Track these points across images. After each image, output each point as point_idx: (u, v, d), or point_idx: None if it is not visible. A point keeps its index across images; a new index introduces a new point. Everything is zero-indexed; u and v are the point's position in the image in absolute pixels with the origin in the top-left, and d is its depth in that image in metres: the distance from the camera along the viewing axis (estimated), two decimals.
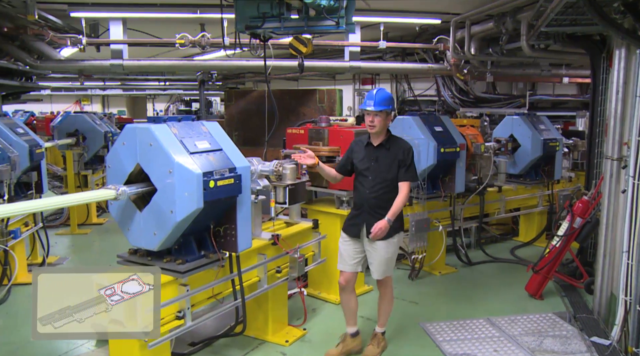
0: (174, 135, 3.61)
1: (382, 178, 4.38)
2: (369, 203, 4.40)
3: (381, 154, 4.41)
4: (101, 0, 7.87)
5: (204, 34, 8.21)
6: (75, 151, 9.33)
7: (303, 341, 4.99)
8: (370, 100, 4.31)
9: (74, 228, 9.08)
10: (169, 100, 21.29)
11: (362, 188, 4.45)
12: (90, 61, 8.48)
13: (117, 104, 23.09)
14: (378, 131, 4.36)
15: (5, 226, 5.66)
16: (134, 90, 19.77)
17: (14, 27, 7.61)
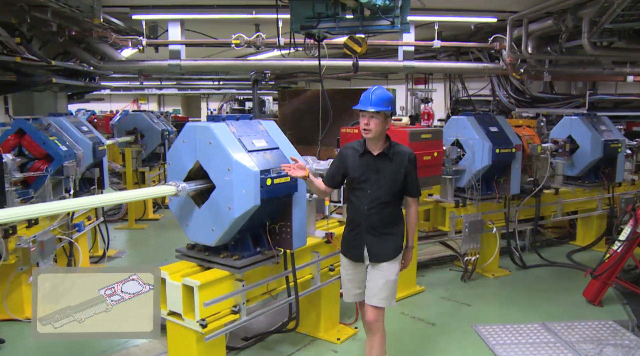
0: (233, 133, 3.69)
1: (385, 192, 3.75)
2: (368, 220, 3.78)
3: (383, 164, 3.77)
4: (161, 2, 8.11)
5: (259, 34, 8.33)
6: (134, 148, 9.65)
7: (354, 339, 5.00)
8: (367, 99, 3.71)
9: (132, 223, 9.39)
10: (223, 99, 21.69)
11: (359, 204, 3.80)
12: (149, 61, 8.74)
13: (172, 103, 23.68)
14: (374, 136, 3.71)
15: (70, 220, 5.90)
16: (189, 89, 20.24)
17: (81, 30, 7.93)
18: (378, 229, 3.79)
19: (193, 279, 3.54)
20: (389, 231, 3.82)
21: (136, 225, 9.43)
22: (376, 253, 3.82)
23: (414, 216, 4.00)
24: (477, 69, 9.70)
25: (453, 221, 6.47)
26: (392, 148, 3.80)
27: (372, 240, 3.81)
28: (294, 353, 4.74)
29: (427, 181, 5.90)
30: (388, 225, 3.82)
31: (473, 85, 12.18)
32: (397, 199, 3.86)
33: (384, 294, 3.84)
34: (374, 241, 3.81)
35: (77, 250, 6.10)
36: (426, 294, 6.16)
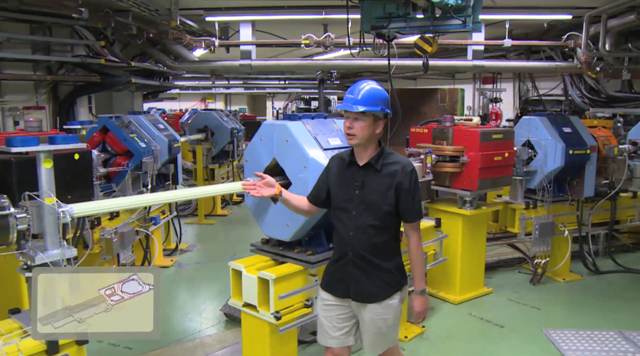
0: (309, 132, 3.79)
1: (372, 213, 3.02)
2: (354, 249, 3.07)
3: (369, 177, 3.04)
4: (233, 4, 8.35)
5: (328, 35, 8.43)
6: (204, 145, 9.98)
7: (422, 338, 5.02)
8: (352, 96, 2.97)
9: (201, 218, 9.72)
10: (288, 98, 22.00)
11: (342, 228, 3.11)
12: (221, 61, 9.02)
13: (239, 101, 24.24)
14: (359, 143, 3.00)
15: (147, 213, 6.19)
16: (255, 88, 20.66)
17: (157, 32, 8.28)
18: (366, 262, 3.06)
19: (269, 272, 3.66)
20: (380, 264, 3.06)
21: (205, 220, 9.75)
22: (362, 290, 3.09)
23: (416, 248, 3.12)
24: (549, 68, 9.43)
25: (523, 222, 6.37)
26: (383, 158, 3.05)
27: (358, 275, 3.08)
28: (361, 348, 4.80)
29: (497, 181, 5.85)
30: (379, 257, 3.06)
31: (543, 84, 11.84)
32: (390, 224, 3.08)
33: (378, 343, 3.22)
34: (361, 276, 3.08)
35: (154, 242, 6.39)
36: (494, 296, 6.09)
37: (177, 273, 6.97)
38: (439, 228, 5.38)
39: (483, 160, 5.53)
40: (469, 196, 5.70)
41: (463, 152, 5.58)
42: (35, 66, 7.64)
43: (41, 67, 7.66)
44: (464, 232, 5.83)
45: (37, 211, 2.74)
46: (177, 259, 7.37)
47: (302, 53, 11.79)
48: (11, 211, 2.67)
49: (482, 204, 6.11)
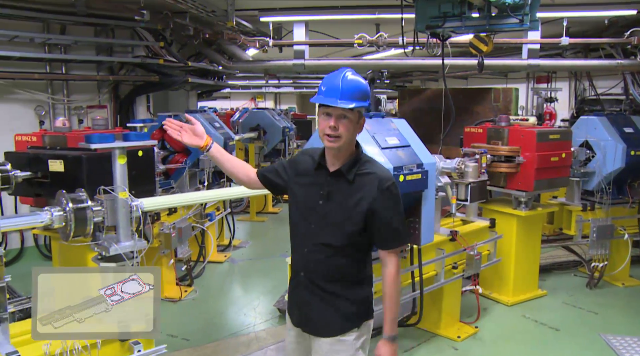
0: (367, 131, 3.84)
1: (333, 231, 2.49)
2: (307, 269, 2.58)
3: (337, 188, 2.49)
4: (287, 5, 8.46)
5: (381, 34, 8.44)
6: (257, 144, 10.15)
7: (475, 338, 5.00)
8: (334, 88, 2.38)
9: (253, 215, 9.89)
10: None
11: (299, 241, 2.62)
12: (275, 61, 9.16)
13: (288, 100, 24.47)
14: (342, 146, 2.43)
15: (203, 209, 6.36)
16: (304, 88, 20.80)
17: (213, 33, 8.49)
18: (320, 287, 2.55)
19: None
20: (337, 292, 2.54)
21: (257, 218, 9.92)
22: (312, 320, 2.61)
23: (391, 282, 2.53)
24: (609, 67, 9.14)
25: (580, 225, 6.25)
26: (359, 166, 2.48)
27: (311, 301, 2.59)
28: (414, 347, 4.83)
29: (553, 182, 5.77)
30: (337, 283, 2.55)
31: (601, 83, 11.49)
32: (354, 247, 2.52)
33: None
34: (313, 303, 2.58)
35: (209, 238, 6.57)
36: (548, 299, 5.99)
37: (230, 269, 7.14)
38: (493, 228, 5.34)
39: (539, 160, 5.46)
40: (524, 196, 5.63)
41: (519, 153, 5.52)
42: (99, 66, 7.96)
43: (104, 67, 7.98)
44: (518, 233, 5.76)
45: (112, 204, 2.89)
46: (231, 255, 7.54)
47: (351, 52, 11.82)
48: (88, 204, 2.82)
49: (537, 205, 6.02)
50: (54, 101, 7.71)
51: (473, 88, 11.81)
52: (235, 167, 2.77)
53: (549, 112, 11.63)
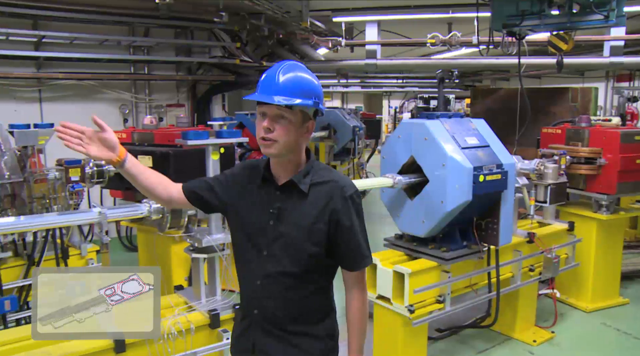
0: (447, 130, 3.85)
1: (290, 255, 2.06)
2: (261, 306, 2.12)
3: (291, 203, 2.07)
4: (360, 5, 8.53)
5: (454, 33, 8.37)
6: (327, 143, 10.25)
7: (551, 344, 4.90)
8: (270, 83, 1.97)
9: None
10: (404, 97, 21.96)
11: (248, 273, 2.16)
12: (347, 60, 9.26)
13: (355, 100, 24.56)
14: (279, 153, 2.00)
15: None
16: (372, 87, 20.82)
17: (287, 33, 8.67)
18: (279, 327, 2.11)
19: (404, 266, 3.77)
20: (300, 330, 2.12)
21: None
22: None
23: (358, 309, 2.16)
24: None
25: None
26: (313, 174, 2.08)
27: (268, 344, 2.13)
28: (488, 349, 4.79)
29: (638, 186, 5.55)
30: (299, 320, 2.11)
31: None
32: (317, 272, 2.11)
33: None
34: (271, 346, 2.13)
35: None
36: (631, 307, 5.76)
37: None
38: (572, 231, 5.21)
39: (623, 163, 5.26)
40: (606, 200, 5.45)
41: (600, 154, 5.35)
42: (178, 67, 8.31)
43: (183, 68, 8.33)
44: (598, 237, 5.58)
45: None
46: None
47: (419, 52, 11.75)
48: None
49: (619, 209, 5.80)
50: (137, 99, 8.11)
51: (549, 88, 11.46)
52: (152, 182, 2.20)
53: (631, 113, 11.15)
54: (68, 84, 7.40)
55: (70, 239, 4.44)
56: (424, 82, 18.64)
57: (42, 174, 4.02)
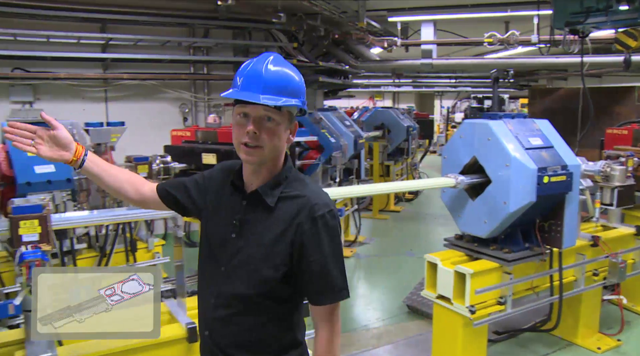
0: (510, 131, 3.81)
1: (248, 276, 1.79)
2: (211, 330, 1.89)
3: (254, 215, 1.82)
4: (416, 4, 8.50)
5: (512, 32, 8.24)
6: (381, 142, 10.27)
7: (618, 352, 4.75)
8: (254, 79, 1.71)
9: (375, 213, 10.03)
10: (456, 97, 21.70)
11: (203, 292, 1.95)
12: (402, 60, 9.25)
13: (406, 99, 24.41)
14: (264, 160, 1.77)
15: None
16: (423, 87, 20.64)
17: (342, 33, 8.73)
18: (227, 353, 1.86)
19: (466, 267, 3.76)
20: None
21: (379, 215, 10.05)
22: None
23: (325, 349, 1.80)
24: None
25: None
26: (285, 186, 1.82)
27: None
28: (549, 354, 4.70)
29: None
30: (252, 350, 1.84)
31: None
32: (279, 301, 1.82)
33: None
34: None
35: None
36: None
37: (357, 264, 7.32)
38: (639, 236, 5.05)
39: None
40: None
41: None
42: (236, 66, 8.48)
43: None
44: None
45: None
46: (356, 250, 7.72)
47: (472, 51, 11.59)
48: None
49: None
50: (196, 99, 8.33)
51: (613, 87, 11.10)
52: (120, 181, 2.02)
53: None
54: (131, 84, 7.68)
55: (138, 233, 4.62)
56: (477, 82, 18.36)
57: None
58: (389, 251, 7.87)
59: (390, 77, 13.10)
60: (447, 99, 23.75)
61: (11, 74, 6.75)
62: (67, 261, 3.98)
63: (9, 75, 6.73)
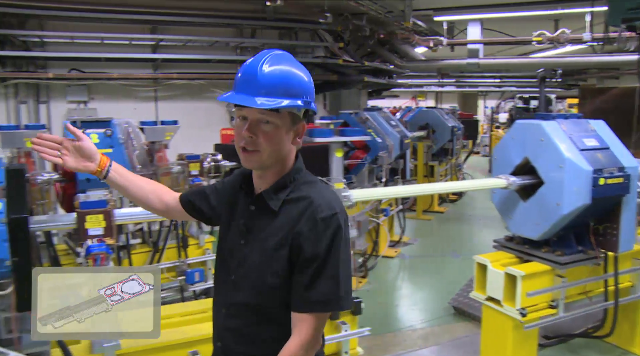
0: (564, 131, 3.75)
1: (254, 283, 1.75)
2: (223, 339, 1.86)
3: (259, 220, 1.77)
4: (463, 3, 8.41)
5: (563, 30, 8.07)
6: (425, 143, 10.20)
7: None
8: (250, 82, 1.63)
9: (419, 214, 9.98)
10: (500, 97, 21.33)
11: (216, 300, 1.93)
12: (448, 60, 9.17)
13: (449, 100, 24.13)
14: (263, 165, 1.71)
15: (379, 205, 6.58)
16: (467, 87, 20.37)
17: (387, 33, 8.72)
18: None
19: (517, 269, 3.72)
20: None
21: (423, 216, 9.99)
22: None
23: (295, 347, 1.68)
24: None
25: None
26: (292, 189, 1.75)
27: None
28: None
29: None
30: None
31: None
32: (283, 310, 1.73)
33: None
34: None
35: (385, 232, 6.79)
36: None
37: (401, 264, 7.30)
38: None
39: None
40: None
41: None
42: None
43: None
44: None
45: None
46: (401, 251, 7.70)
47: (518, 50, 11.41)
48: None
49: None
50: None
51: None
52: (144, 191, 2.03)
53: None
54: (180, 83, 7.84)
55: (189, 230, 4.72)
56: (522, 82, 18.02)
57: (167, 168, 4.31)
58: (434, 252, 7.83)
59: (435, 77, 12.96)
60: (491, 99, 23.38)
61: (68, 75, 6.99)
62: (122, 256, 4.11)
63: (66, 76, 6.97)
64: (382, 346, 4.80)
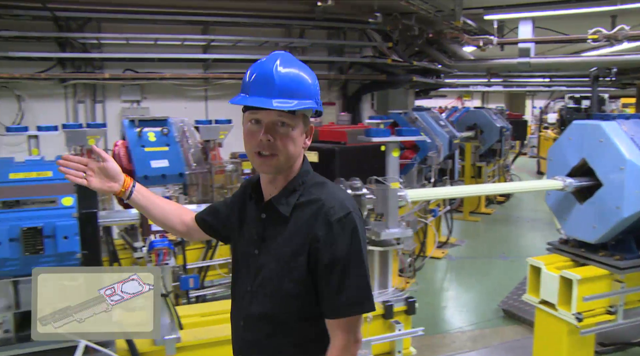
0: (625, 132, 3.65)
1: (271, 294, 1.71)
2: (242, 353, 1.83)
3: (272, 227, 1.73)
4: (514, 1, 8.25)
5: (622, 27, 7.81)
6: (473, 143, 10.06)
7: None
8: (266, 83, 1.59)
9: (466, 215, 9.85)
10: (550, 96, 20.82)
11: (234, 313, 1.88)
12: (498, 59, 9.03)
13: (496, 100, 23.70)
14: (281, 169, 1.68)
15: (427, 205, 6.54)
16: (515, 86, 19.95)
17: (436, 32, 8.64)
18: None
19: (573, 272, 3.64)
20: None
21: (470, 217, 9.86)
22: None
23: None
24: None
25: None
26: (301, 192, 1.71)
27: None
28: None
29: None
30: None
31: None
32: (311, 322, 1.71)
33: None
34: None
35: (433, 232, 6.74)
36: None
37: (448, 265, 7.24)
38: None
39: None
40: None
41: None
42: (330, 66, 8.60)
43: (335, 67, 8.60)
44: None
45: (383, 193, 3.17)
46: (448, 252, 7.63)
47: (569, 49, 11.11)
48: (364, 192, 3.15)
49: None
50: None
51: None
52: (165, 212, 2.01)
53: None
54: (229, 83, 7.96)
55: None
56: (573, 81, 17.53)
57: (221, 166, 4.41)
58: (481, 254, 7.73)
59: (484, 77, 12.75)
60: (539, 99, 22.85)
61: (122, 75, 7.20)
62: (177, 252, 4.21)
63: (121, 76, 7.18)
64: (431, 348, 4.78)
